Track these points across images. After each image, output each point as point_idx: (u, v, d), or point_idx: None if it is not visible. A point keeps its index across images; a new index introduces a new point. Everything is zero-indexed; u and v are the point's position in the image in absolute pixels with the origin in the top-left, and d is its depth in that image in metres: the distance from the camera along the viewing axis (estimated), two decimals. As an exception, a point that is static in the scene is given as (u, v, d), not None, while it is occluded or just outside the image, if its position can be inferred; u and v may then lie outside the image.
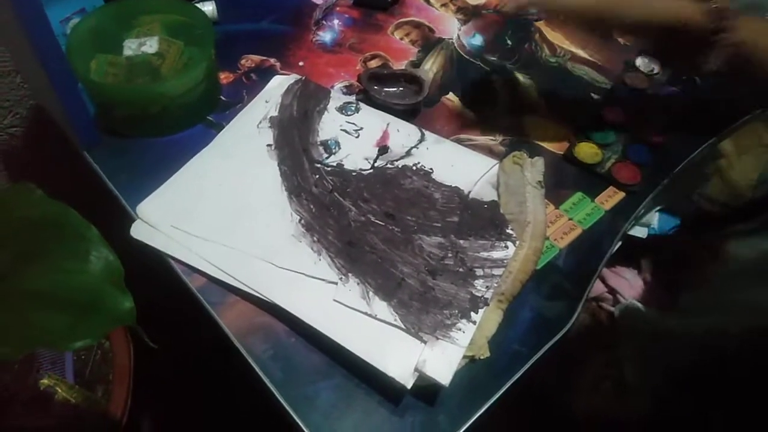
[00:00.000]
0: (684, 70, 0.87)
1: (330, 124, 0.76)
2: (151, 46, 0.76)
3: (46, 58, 0.62)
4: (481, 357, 0.60)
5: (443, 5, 0.98)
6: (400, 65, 0.88)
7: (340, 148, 0.74)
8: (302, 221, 0.67)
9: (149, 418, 1.08)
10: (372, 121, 0.77)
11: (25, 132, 0.98)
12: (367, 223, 0.67)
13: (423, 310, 0.60)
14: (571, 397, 0.80)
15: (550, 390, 0.84)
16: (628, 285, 0.89)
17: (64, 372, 0.92)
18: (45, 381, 0.89)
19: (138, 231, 0.66)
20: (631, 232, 0.83)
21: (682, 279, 0.90)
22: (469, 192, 0.70)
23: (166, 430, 1.13)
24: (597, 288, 0.91)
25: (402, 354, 0.57)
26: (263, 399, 0.59)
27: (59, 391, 0.89)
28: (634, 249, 0.96)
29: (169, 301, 0.73)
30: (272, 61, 0.86)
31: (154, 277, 0.67)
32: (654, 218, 0.90)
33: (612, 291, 0.90)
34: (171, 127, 0.76)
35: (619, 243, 0.73)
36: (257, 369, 0.59)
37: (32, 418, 0.87)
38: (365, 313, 0.60)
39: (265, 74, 0.84)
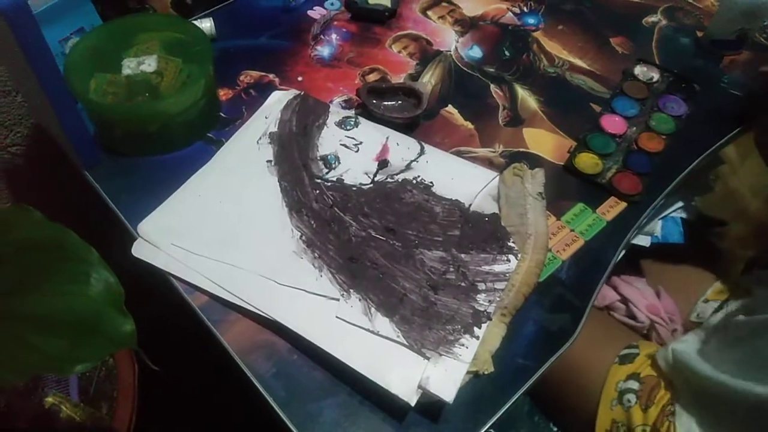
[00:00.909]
0: None
1: (329, 139, 0.76)
2: (149, 64, 0.77)
3: (44, 78, 0.62)
4: (485, 372, 0.59)
5: (440, 17, 0.98)
6: (398, 78, 0.88)
7: (339, 163, 0.74)
8: (303, 237, 0.67)
9: (154, 435, 1.08)
10: (371, 135, 0.77)
11: (26, 151, 0.98)
12: (367, 239, 0.66)
13: (425, 325, 0.60)
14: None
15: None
16: (640, 294, 0.89)
17: (68, 390, 0.92)
18: (50, 399, 0.89)
19: (139, 250, 0.66)
20: (635, 241, 0.82)
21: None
22: (470, 205, 0.70)
23: (170, 447, 1.12)
24: (609, 296, 0.91)
25: (405, 371, 0.57)
26: (267, 417, 0.58)
27: (64, 409, 0.89)
28: (638, 258, 0.96)
29: (171, 319, 0.73)
30: (271, 76, 0.86)
31: (157, 295, 0.67)
32: (657, 226, 0.90)
33: (624, 300, 0.89)
34: (171, 144, 0.76)
35: (623, 252, 0.72)
36: (260, 387, 0.59)
37: (37, 437, 0.87)
38: (368, 330, 0.60)
39: (264, 90, 0.84)
